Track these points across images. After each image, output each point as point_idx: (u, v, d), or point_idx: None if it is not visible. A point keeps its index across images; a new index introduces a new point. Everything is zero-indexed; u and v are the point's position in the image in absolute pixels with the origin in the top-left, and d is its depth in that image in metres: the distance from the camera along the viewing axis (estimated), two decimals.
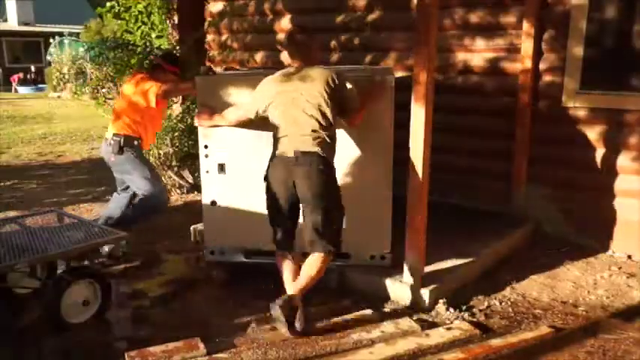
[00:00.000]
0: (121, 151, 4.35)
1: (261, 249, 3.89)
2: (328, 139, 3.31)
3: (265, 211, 3.53)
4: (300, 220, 3.43)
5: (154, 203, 4.48)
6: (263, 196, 3.54)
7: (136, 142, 4.41)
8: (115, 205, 4.62)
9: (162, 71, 4.50)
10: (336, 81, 3.35)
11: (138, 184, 4.45)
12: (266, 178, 3.43)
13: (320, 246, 3.32)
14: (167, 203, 4.66)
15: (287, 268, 3.44)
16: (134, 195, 4.56)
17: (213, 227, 4.06)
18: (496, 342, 3.18)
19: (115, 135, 4.37)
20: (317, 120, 3.27)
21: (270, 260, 3.68)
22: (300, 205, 3.35)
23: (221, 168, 3.92)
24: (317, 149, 3.25)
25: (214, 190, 3.98)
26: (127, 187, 4.59)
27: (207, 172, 3.96)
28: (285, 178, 3.29)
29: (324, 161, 3.27)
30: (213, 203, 3.99)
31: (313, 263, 3.34)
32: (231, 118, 3.70)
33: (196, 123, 3.92)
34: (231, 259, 4.06)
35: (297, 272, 3.40)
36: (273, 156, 3.37)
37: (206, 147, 3.93)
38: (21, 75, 23.69)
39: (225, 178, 3.93)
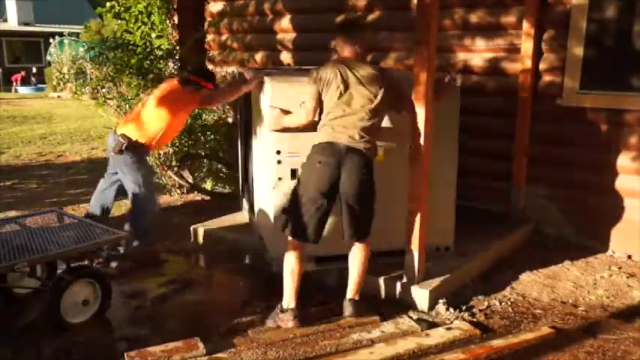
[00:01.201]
0: (120, 152, 4.32)
1: (332, 254, 3.78)
2: (374, 136, 3.32)
3: (338, 215, 3.42)
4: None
5: (141, 206, 4.41)
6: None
7: (139, 149, 4.35)
8: (101, 191, 4.66)
9: (197, 89, 4.39)
10: (389, 80, 3.39)
11: (127, 185, 4.43)
12: (306, 165, 3.34)
13: (362, 234, 3.35)
14: (156, 211, 4.57)
15: (296, 270, 3.33)
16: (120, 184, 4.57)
17: (285, 236, 3.70)
18: (497, 342, 3.18)
19: (122, 135, 4.32)
20: (368, 118, 3.27)
21: (342, 265, 3.62)
22: (340, 197, 3.28)
23: (293, 174, 3.71)
24: (364, 147, 3.25)
25: (285, 197, 3.66)
26: (115, 174, 4.59)
27: (280, 178, 3.74)
28: (333, 165, 3.22)
29: (368, 160, 3.28)
30: (285, 211, 3.69)
31: (360, 255, 3.37)
32: (302, 115, 3.48)
33: (271, 128, 3.69)
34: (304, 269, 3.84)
35: (301, 275, 3.35)
36: (323, 139, 3.28)
37: (278, 152, 3.71)
38: (23, 74, 23.63)
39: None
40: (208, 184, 6.33)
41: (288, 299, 3.33)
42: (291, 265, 3.34)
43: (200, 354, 3.02)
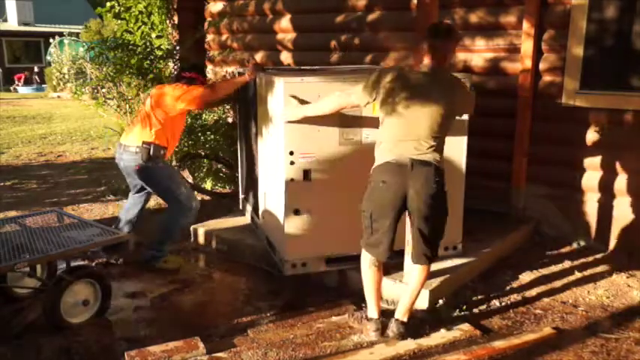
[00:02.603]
0: (149, 159, 4.13)
1: (342, 255, 3.79)
2: (442, 148, 3.15)
3: (348, 216, 3.48)
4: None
5: (185, 206, 4.29)
6: (345, 201, 3.56)
7: (162, 152, 4.21)
8: (133, 204, 4.53)
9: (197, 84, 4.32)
10: (462, 91, 3.23)
11: (162, 194, 4.35)
12: (370, 185, 3.15)
13: (427, 258, 3.18)
14: (196, 209, 4.38)
15: (374, 278, 3.23)
16: (149, 194, 4.50)
17: (296, 238, 3.76)
18: (499, 343, 3.17)
19: (144, 143, 4.12)
20: (438, 128, 3.05)
21: (351, 266, 3.67)
22: (409, 213, 3.12)
23: (306, 175, 3.68)
24: (434, 158, 3.05)
25: (298, 198, 3.70)
26: (141, 189, 4.46)
27: (292, 179, 3.67)
28: (399, 183, 3.03)
29: (439, 171, 3.07)
30: (297, 212, 3.72)
31: (419, 278, 3.21)
32: (331, 104, 3.33)
33: (284, 119, 3.57)
34: (313, 269, 3.84)
35: (381, 283, 3.29)
36: (386, 158, 3.08)
37: (291, 153, 3.63)
38: (27, 74, 23.56)
39: (309, 185, 3.69)
40: (208, 184, 6.33)
41: (371, 309, 3.27)
42: (369, 276, 3.24)
43: (200, 354, 3.02)
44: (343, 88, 3.41)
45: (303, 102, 3.54)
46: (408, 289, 3.26)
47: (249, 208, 4.95)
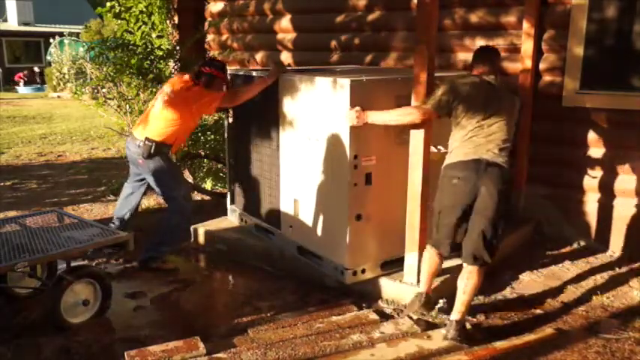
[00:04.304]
0: (150, 156, 4.13)
1: (396, 257, 3.79)
2: (510, 152, 3.31)
3: (402, 217, 3.56)
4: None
5: (182, 206, 4.28)
6: (400, 201, 3.57)
7: (165, 149, 4.19)
8: (131, 193, 4.48)
9: (219, 83, 4.28)
10: (519, 99, 3.56)
11: (161, 190, 4.30)
12: (442, 182, 3.32)
13: (482, 260, 3.22)
14: (189, 208, 4.38)
15: (434, 264, 3.43)
16: (148, 186, 4.45)
17: (357, 244, 3.68)
18: (500, 344, 3.17)
19: (147, 139, 4.12)
20: (508, 133, 3.27)
21: (400, 269, 3.73)
22: (474, 213, 3.23)
23: (367, 178, 3.61)
24: (504, 161, 3.22)
25: (360, 202, 3.62)
26: (142, 179, 4.42)
27: (356, 184, 3.57)
28: (472, 181, 3.18)
29: (508, 174, 3.23)
30: (359, 217, 3.63)
31: (473, 280, 3.24)
32: (412, 116, 3.38)
33: (351, 122, 3.47)
34: (371, 275, 3.79)
35: (437, 269, 3.47)
36: (460, 158, 3.25)
37: (355, 157, 3.53)
38: (27, 73, 23.50)
39: (370, 188, 3.62)
40: (208, 184, 6.33)
41: (423, 284, 3.50)
42: (429, 260, 3.44)
43: (200, 354, 3.01)
44: (398, 89, 3.55)
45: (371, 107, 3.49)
46: (466, 289, 3.25)
47: (235, 209, 4.92)
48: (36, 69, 24.03)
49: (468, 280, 3.24)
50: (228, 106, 4.34)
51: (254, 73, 4.38)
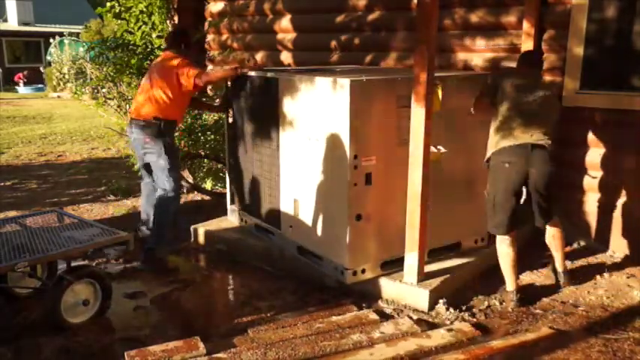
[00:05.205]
0: (159, 134, 4.26)
1: (396, 257, 3.80)
2: (552, 137, 3.73)
3: (402, 217, 3.63)
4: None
5: (174, 206, 4.42)
6: (400, 202, 3.62)
7: (170, 127, 4.38)
8: (151, 190, 4.59)
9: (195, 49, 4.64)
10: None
11: (164, 166, 4.32)
12: (494, 168, 3.71)
13: (551, 217, 3.92)
14: (179, 198, 4.60)
15: (510, 256, 3.74)
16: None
17: (357, 244, 3.68)
18: (497, 343, 3.18)
19: (155, 118, 4.26)
20: (548, 119, 3.72)
21: (400, 269, 3.75)
22: (533, 189, 3.69)
23: (367, 178, 3.61)
24: (547, 144, 3.63)
25: (360, 203, 3.62)
26: (148, 169, 4.52)
27: (356, 184, 3.57)
28: (521, 163, 3.60)
29: (550, 155, 3.66)
30: (359, 218, 3.64)
31: (559, 232, 3.98)
32: (480, 103, 3.90)
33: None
34: (371, 275, 3.79)
35: (517, 261, 3.76)
36: (507, 143, 3.63)
37: (355, 157, 3.54)
38: (26, 73, 23.43)
39: (370, 189, 3.63)
40: (208, 184, 6.33)
41: (510, 283, 3.75)
42: (504, 252, 3.74)
43: (200, 354, 3.02)
44: (398, 89, 3.62)
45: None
46: (558, 244, 3.98)
47: (235, 209, 4.92)
48: (41, 69, 23.99)
49: (558, 233, 3.94)
50: (200, 82, 4.30)
51: (252, 73, 4.38)
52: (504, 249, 3.74)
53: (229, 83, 4.67)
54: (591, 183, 4.66)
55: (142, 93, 4.40)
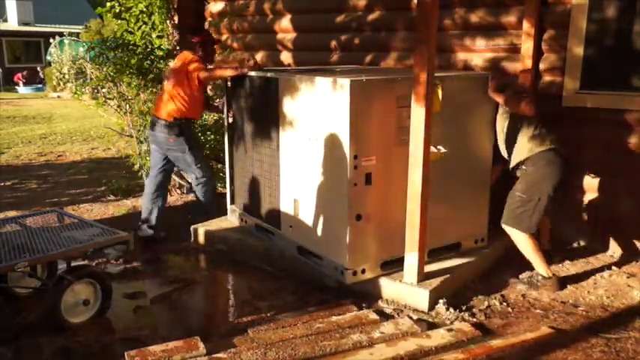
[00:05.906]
0: (181, 133, 4.64)
1: (396, 257, 3.80)
2: None
3: (402, 217, 3.66)
4: None
5: (210, 186, 4.93)
6: (400, 202, 3.63)
7: (190, 125, 4.82)
8: (160, 183, 4.93)
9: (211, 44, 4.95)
10: None
11: (187, 164, 4.81)
12: (535, 170, 3.94)
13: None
14: (212, 179, 5.00)
15: (534, 244, 3.94)
16: (166, 171, 4.94)
17: (357, 244, 3.68)
18: (497, 342, 3.18)
19: (175, 118, 4.62)
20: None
21: (399, 269, 3.76)
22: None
23: (367, 178, 3.61)
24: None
25: (360, 203, 3.61)
26: (163, 163, 4.84)
27: (356, 184, 3.56)
28: (561, 167, 3.91)
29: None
30: (359, 218, 3.63)
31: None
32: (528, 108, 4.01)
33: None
34: (371, 275, 3.79)
35: (538, 246, 4.01)
36: (545, 150, 3.92)
37: (355, 157, 3.53)
38: (25, 74, 23.41)
39: (370, 188, 3.62)
40: None
41: (545, 269, 3.94)
42: (529, 244, 3.93)
43: (200, 354, 3.02)
44: (398, 89, 3.63)
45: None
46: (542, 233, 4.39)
47: (235, 209, 4.92)
48: (38, 69, 23.98)
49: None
50: (205, 78, 4.65)
51: (252, 73, 4.38)
52: (526, 239, 3.92)
53: (229, 83, 4.68)
54: (591, 183, 4.65)
55: (164, 93, 4.73)
